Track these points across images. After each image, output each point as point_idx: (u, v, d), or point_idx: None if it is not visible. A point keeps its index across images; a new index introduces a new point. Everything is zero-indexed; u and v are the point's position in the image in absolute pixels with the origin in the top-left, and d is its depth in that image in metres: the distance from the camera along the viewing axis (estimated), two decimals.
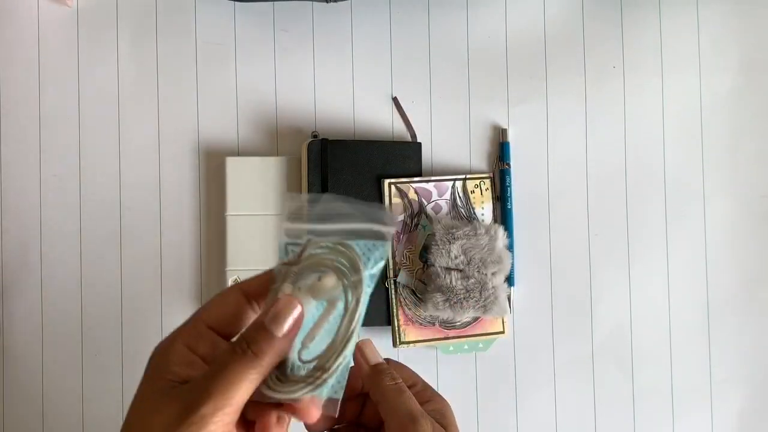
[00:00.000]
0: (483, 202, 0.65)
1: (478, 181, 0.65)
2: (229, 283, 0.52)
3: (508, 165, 0.65)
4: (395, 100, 0.66)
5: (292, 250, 0.39)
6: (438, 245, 0.62)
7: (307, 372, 0.36)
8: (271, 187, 0.63)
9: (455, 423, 0.41)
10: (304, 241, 0.39)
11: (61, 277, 0.65)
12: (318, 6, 0.66)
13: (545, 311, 0.66)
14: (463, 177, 0.65)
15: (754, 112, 0.67)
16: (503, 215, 0.65)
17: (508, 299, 0.63)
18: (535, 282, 0.66)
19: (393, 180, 0.64)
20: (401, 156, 0.65)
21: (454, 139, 0.66)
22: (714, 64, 0.67)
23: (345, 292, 0.38)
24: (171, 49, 0.66)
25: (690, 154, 0.67)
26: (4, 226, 0.65)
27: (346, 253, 0.39)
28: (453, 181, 0.65)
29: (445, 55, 0.67)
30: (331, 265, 0.38)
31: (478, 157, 0.66)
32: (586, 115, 0.67)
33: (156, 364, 0.36)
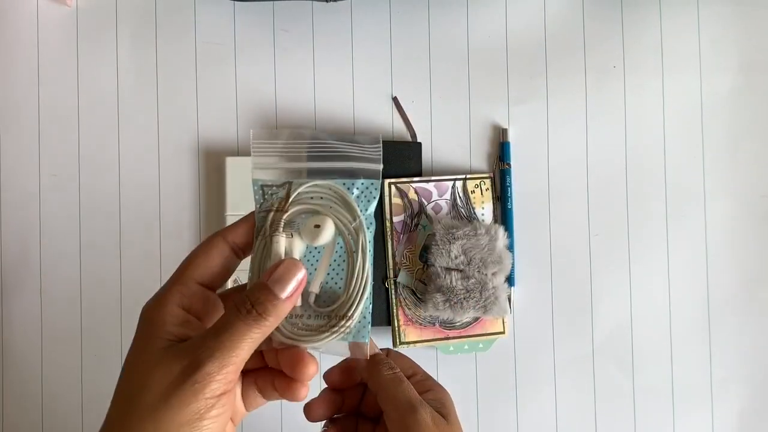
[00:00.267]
0: (483, 202, 0.65)
1: (478, 181, 0.65)
2: (230, 285, 0.52)
3: (509, 165, 0.65)
4: (395, 100, 0.66)
5: (269, 193, 0.39)
6: (438, 245, 0.61)
7: (329, 320, 0.37)
8: None
9: (455, 412, 0.42)
10: (280, 181, 0.38)
11: (61, 277, 0.65)
12: (318, 6, 0.66)
13: (545, 311, 0.66)
14: (463, 177, 0.65)
15: (754, 112, 0.67)
16: (503, 215, 0.65)
17: (509, 299, 0.63)
18: (536, 282, 0.66)
19: (393, 180, 0.64)
20: (401, 156, 0.64)
21: (454, 139, 0.66)
22: (714, 64, 0.67)
23: (343, 237, 0.38)
24: (170, 48, 0.66)
25: (690, 154, 0.67)
26: (4, 226, 0.65)
27: (337, 195, 0.38)
28: (453, 181, 0.64)
29: (445, 55, 0.67)
30: (325, 210, 0.38)
31: (478, 157, 0.66)
32: (586, 114, 0.67)
33: (150, 323, 0.36)
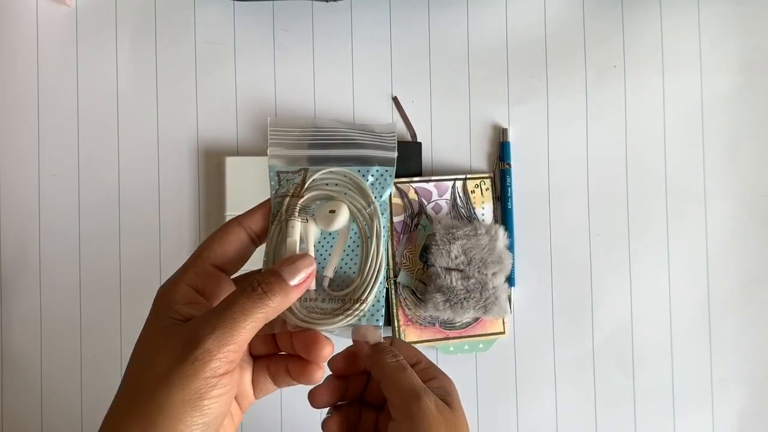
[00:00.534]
0: (483, 202, 0.65)
1: (478, 181, 0.65)
2: None
3: (509, 165, 0.65)
4: (395, 100, 0.66)
5: (285, 179, 0.39)
6: (438, 245, 0.61)
7: (343, 303, 0.38)
8: None
9: (459, 400, 0.42)
10: (296, 168, 0.39)
11: (60, 277, 0.65)
12: (318, 5, 0.66)
13: (546, 311, 0.66)
14: (463, 177, 0.65)
15: (754, 112, 0.67)
16: (503, 215, 0.65)
17: (509, 299, 0.63)
18: (536, 282, 0.66)
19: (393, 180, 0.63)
20: (401, 156, 0.64)
21: (454, 139, 0.66)
22: (715, 63, 0.67)
23: (357, 222, 0.38)
24: (170, 48, 0.66)
25: (690, 154, 0.67)
26: (3, 226, 0.65)
27: (353, 182, 0.39)
28: (453, 181, 0.64)
29: (445, 55, 0.66)
30: (340, 196, 0.39)
31: (479, 157, 0.66)
32: (586, 114, 0.67)
33: (160, 303, 0.36)
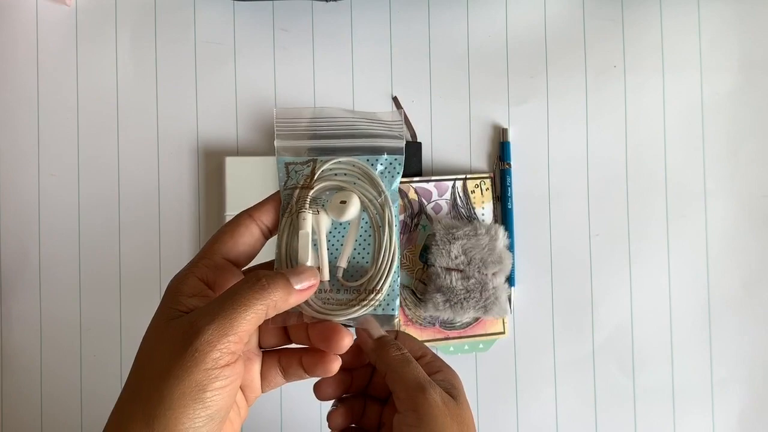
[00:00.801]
0: (483, 202, 0.65)
1: (478, 181, 0.65)
2: None
3: (509, 165, 0.65)
4: (395, 100, 0.66)
5: (293, 170, 0.39)
6: (438, 245, 0.61)
7: (359, 294, 0.38)
8: (271, 187, 0.63)
9: (464, 393, 0.42)
10: (304, 159, 0.39)
11: (60, 277, 0.64)
12: (318, 5, 0.66)
13: (546, 311, 0.66)
14: (463, 177, 0.64)
15: (755, 112, 0.67)
16: (504, 215, 0.65)
17: (509, 299, 0.63)
18: (536, 282, 0.66)
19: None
20: None
21: (454, 139, 0.66)
22: (715, 63, 0.67)
23: (368, 212, 0.38)
24: (170, 48, 0.66)
25: (691, 154, 0.67)
26: (3, 226, 0.65)
27: (362, 171, 0.39)
28: (453, 181, 0.64)
29: (446, 55, 0.66)
30: (350, 186, 0.39)
31: (479, 157, 0.66)
32: (586, 114, 0.67)
33: (167, 296, 0.36)
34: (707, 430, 0.66)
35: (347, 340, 0.38)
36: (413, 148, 0.65)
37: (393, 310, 0.38)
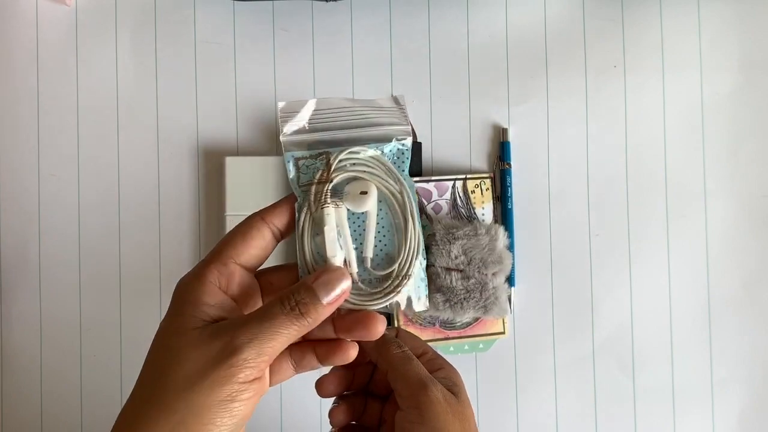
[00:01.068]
0: (483, 202, 0.65)
1: (478, 181, 0.65)
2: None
3: (509, 165, 0.65)
4: (395, 99, 0.66)
5: (303, 165, 0.39)
6: (438, 245, 0.61)
7: (391, 281, 0.38)
8: (271, 187, 0.63)
9: (465, 391, 0.42)
10: (316, 152, 0.38)
11: (60, 277, 0.64)
12: (318, 5, 0.66)
13: (546, 311, 0.66)
14: (463, 177, 0.64)
15: (755, 112, 0.67)
16: (504, 215, 0.65)
17: (509, 299, 0.63)
18: (536, 282, 0.66)
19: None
20: None
21: (454, 139, 0.66)
22: (715, 63, 0.67)
23: (387, 200, 0.39)
24: (170, 48, 0.66)
25: (691, 154, 0.67)
26: (3, 226, 0.65)
27: (375, 160, 0.39)
28: (453, 181, 0.64)
29: (446, 55, 0.66)
30: (368, 175, 0.39)
31: (479, 157, 0.66)
32: (586, 114, 0.67)
33: (187, 301, 0.36)
34: (707, 430, 0.66)
35: (381, 326, 0.37)
36: (413, 148, 0.65)
37: (421, 290, 0.39)
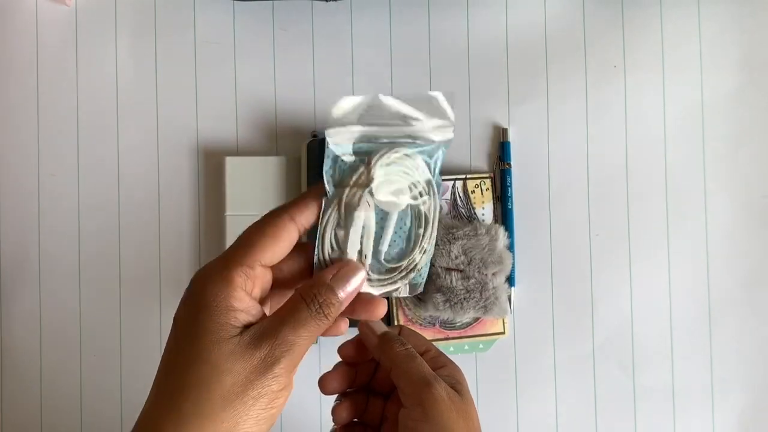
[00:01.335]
0: (483, 202, 0.65)
1: (478, 181, 0.65)
2: None
3: (509, 165, 0.65)
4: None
5: (342, 161, 0.39)
6: (438, 245, 0.61)
7: (399, 272, 0.40)
8: (271, 187, 0.63)
9: (468, 389, 0.42)
10: (356, 151, 0.39)
11: (60, 277, 0.64)
12: (317, 5, 0.66)
13: (546, 312, 0.66)
14: (463, 177, 0.64)
15: (755, 112, 0.67)
16: (504, 215, 0.65)
17: (509, 299, 0.63)
18: (536, 282, 0.66)
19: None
20: None
21: (454, 139, 0.65)
22: (715, 63, 0.67)
23: (413, 201, 0.40)
24: (170, 48, 0.66)
25: (691, 154, 0.67)
26: (3, 226, 0.65)
27: (413, 164, 0.40)
28: (453, 181, 0.64)
29: (445, 55, 0.66)
30: (401, 177, 0.40)
31: (479, 157, 0.66)
32: (587, 114, 0.67)
33: (218, 306, 0.35)
34: (707, 430, 0.66)
35: (382, 309, 0.39)
36: None
37: (422, 277, 0.41)
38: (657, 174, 0.67)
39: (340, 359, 0.45)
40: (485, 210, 0.65)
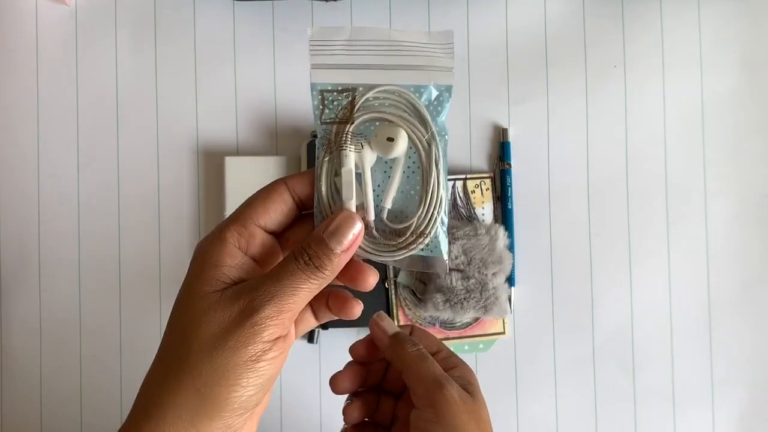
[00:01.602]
0: (483, 202, 0.65)
1: (478, 181, 0.65)
2: None
3: (509, 165, 0.65)
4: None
5: (329, 99, 0.36)
6: None
7: (406, 237, 0.35)
8: None
9: (480, 390, 0.42)
10: (342, 86, 0.35)
11: (60, 277, 0.64)
12: (317, 5, 0.66)
13: (546, 311, 0.66)
14: (463, 177, 0.64)
15: (755, 111, 0.67)
16: (504, 215, 0.65)
17: (509, 300, 0.63)
18: (536, 282, 0.66)
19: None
20: None
21: (454, 139, 0.66)
22: (715, 62, 0.67)
23: (416, 149, 0.36)
24: (170, 48, 0.66)
25: (691, 154, 0.67)
26: (3, 226, 0.65)
27: (407, 103, 0.36)
28: (453, 181, 0.64)
29: None
30: (397, 119, 0.35)
31: (479, 157, 0.66)
32: (587, 114, 0.67)
33: (207, 263, 0.35)
34: (707, 430, 0.66)
35: (372, 279, 0.37)
36: None
37: (441, 252, 0.35)
38: (657, 174, 0.67)
39: (351, 359, 0.45)
40: (485, 210, 0.65)
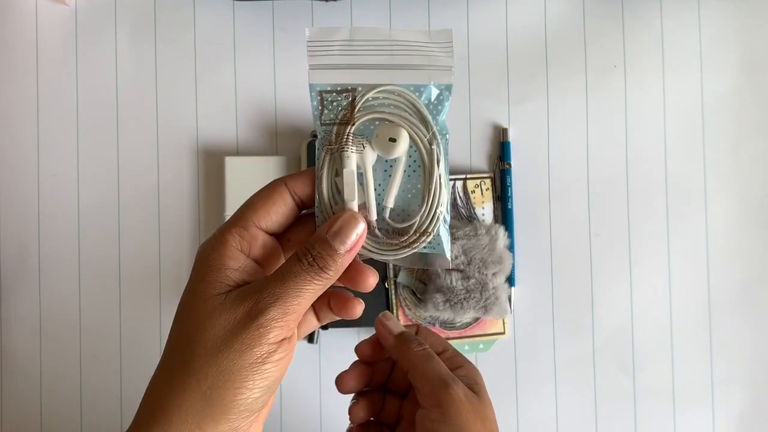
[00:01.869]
0: (483, 202, 0.65)
1: (478, 181, 0.65)
2: None
3: (509, 165, 0.65)
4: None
5: (330, 100, 0.36)
6: None
7: (408, 236, 0.36)
8: None
9: (486, 390, 0.42)
10: (342, 87, 0.35)
11: (60, 277, 0.64)
12: (317, 5, 0.66)
13: (546, 311, 0.66)
14: (463, 177, 0.64)
15: (756, 111, 0.67)
16: (504, 215, 0.65)
17: (509, 300, 0.63)
18: (536, 282, 0.66)
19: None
20: None
21: (454, 139, 0.66)
22: (716, 62, 0.67)
23: (417, 148, 0.36)
24: (170, 48, 0.66)
25: (691, 153, 0.67)
26: (3, 226, 0.65)
27: (408, 102, 0.36)
28: (453, 181, 0.64)
29: None
30: (398, 119, 0.35)
31: (479, 157, 0.66)
32: (587, 114, 0.67)
33: (209, 266, 0.35)
34: (707, 430, 0.66)
35: (372, 280, 0.37)
36: None
37: (443, 250, 0.36)
38: (657, 174, 0.67)
39: (357, 358, 0.45)
40: (485, 210, 0.65)
